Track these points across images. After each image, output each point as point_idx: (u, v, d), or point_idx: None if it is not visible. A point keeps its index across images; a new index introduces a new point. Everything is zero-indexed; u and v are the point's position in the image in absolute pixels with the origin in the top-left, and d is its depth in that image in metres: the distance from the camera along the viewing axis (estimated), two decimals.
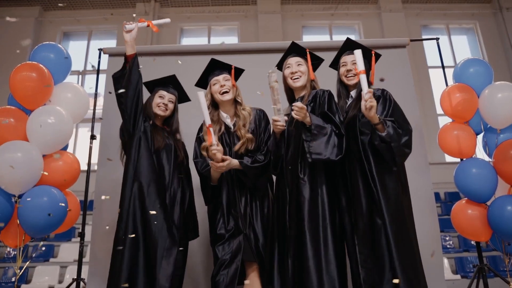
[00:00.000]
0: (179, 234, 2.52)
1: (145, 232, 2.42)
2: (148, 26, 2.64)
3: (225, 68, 2.71)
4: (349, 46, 2.64)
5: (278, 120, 2.40)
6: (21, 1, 9.62)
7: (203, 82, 2.77)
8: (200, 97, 2.39)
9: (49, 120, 2.87)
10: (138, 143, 2.56)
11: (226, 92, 2.63)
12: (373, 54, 2.59)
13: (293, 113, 2.30)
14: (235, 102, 2.71)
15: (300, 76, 2.61)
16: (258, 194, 2.62)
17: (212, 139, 2.40)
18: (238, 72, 2.75)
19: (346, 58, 2.62)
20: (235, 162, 2.52)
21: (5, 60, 8.22)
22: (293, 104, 2.34)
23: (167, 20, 2.72)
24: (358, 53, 2.26)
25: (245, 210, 2.54)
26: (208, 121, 2.40)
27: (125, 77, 2.56)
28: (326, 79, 2.78)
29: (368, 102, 2.19)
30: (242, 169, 2.53)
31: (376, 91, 2.46)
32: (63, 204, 2.79)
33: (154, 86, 2.81)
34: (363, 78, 2.21)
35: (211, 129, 2.39)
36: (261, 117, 2.73)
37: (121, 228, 2.42)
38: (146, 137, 2.59)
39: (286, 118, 2.46)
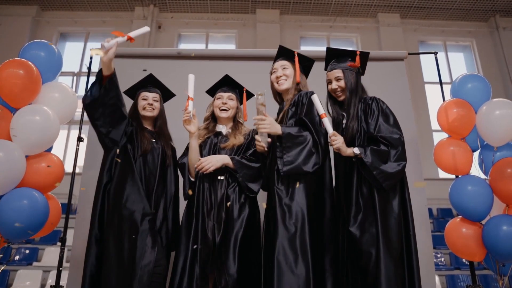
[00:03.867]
0: (162, 241, 2.47)
1: (123, 236, 2.33)
2: (128, 40, 2.44)
3: (234, 87, 2.74)
4: (331, 56, 2.56)
5: (259, 140, 2.38)
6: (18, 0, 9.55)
7: (211, 92, 2.80)
8: (190, 76, 2.53)
9: (35, 119, 2.76)
10: (122, 151, 2.50)
11: (224, 110, 2.67)
12: (357, 55, 2.50)
13: (257, 128, 2.31)
14: (235, 121, 2.72)
15: (286, 80, 2.54)
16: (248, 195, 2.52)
17: (189, 107, 2.48)
18: (248, 95, 2.77)
19: (330, 75, 2.54)
20: (223, 157, 2.48)
21: (1, 59, 8.08)
22: (254, 118, 2.31)
23: (146, 28, 2.52)
24: (315, 98, 2.28)
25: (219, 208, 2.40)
26: (191, 95, 2.51)
27: (100, 100, 2.41)
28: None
29: (334, 144, 2.23)
30: (233, 167, 2.46)
31: (366, 99, 2.41)
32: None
33: (135, 91, 2.77)
34: (326, 122, 2.25)
35: (190, 101, 2.48)
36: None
37: (94, 232, 2.41)
38: (131, 143, 2.54)
39: (269, 140, 2.41)
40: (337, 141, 2.22)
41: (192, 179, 2.55)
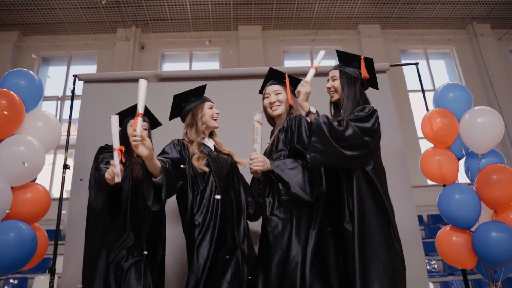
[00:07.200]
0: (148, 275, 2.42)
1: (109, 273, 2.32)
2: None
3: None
4: (340, 59, 2.58)
5: (253, 158, 2.33)
6: None
7: (193, 95, 2.67)
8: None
9: (20, 150, 2.73)
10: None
11: (216, 120, 2.66)
12: (362, 59, 2.48)
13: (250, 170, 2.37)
14: (212, 133, 2.72)
15: (279, 105, 2.55)
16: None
17: (137, 129, 2.07)
18: None
19: (329, 74, 2.56)
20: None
21: None
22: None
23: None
24: (322, 53, 2.41)
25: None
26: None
27: None
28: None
29: (299, 87, 2.32)
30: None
31: (359, 106, 2.36)
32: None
33: (124, 116, 2.72)
34: (310, 72, 2.35)
35: (139, 117, 2.09)
36: None
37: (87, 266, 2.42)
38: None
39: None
40: (302, 90, 2.30)
41: (156, 180, 2.25)
